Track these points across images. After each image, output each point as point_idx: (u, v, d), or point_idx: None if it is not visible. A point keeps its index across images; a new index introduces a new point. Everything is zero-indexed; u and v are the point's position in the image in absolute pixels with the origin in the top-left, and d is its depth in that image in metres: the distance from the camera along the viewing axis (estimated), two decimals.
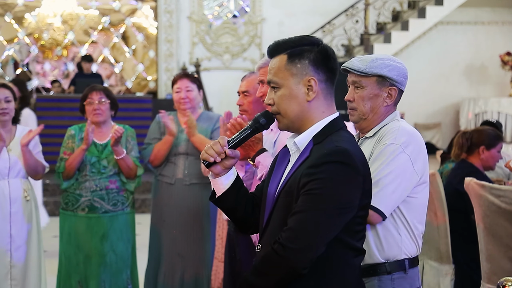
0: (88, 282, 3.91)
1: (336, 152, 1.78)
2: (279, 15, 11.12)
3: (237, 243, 2.91)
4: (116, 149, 3.82)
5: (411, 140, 2.23)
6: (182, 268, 4.02)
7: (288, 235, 1.74)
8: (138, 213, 4.32)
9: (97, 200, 3.90)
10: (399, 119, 2.33)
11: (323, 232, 1.75)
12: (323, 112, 1.89)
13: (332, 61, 1.89)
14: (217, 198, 2.01)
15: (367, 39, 10.51)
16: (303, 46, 1.89)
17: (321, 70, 1.87)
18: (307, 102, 1.87)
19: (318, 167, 1.76)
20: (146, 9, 12.86)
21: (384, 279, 2.21)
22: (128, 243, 4.04)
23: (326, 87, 1.89)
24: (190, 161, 4.02)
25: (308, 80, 1.86)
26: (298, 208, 1.76)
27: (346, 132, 1.90)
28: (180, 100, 4.01)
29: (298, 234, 1.73)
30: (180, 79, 4.02)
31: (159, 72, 11.28)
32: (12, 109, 3.80)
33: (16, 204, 3.74)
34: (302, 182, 1.77)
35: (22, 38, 12.88)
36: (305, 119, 1.89)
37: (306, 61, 1.86)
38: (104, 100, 3.91)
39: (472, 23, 11.37)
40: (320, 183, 1.74)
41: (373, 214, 2.14)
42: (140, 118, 8.92)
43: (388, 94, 2.30)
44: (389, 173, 2.17)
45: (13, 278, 3.72)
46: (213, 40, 11.15)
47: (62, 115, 8.90)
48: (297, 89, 1.87)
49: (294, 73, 1.87)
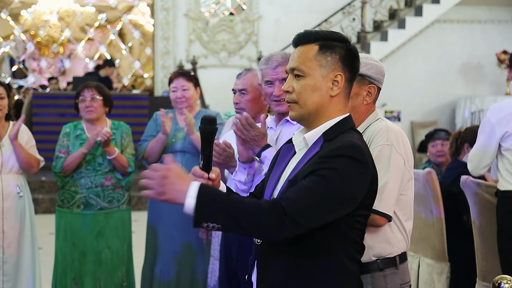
0: (83, 279, 3.91)
1: (350, 147, 1.77)
2: (276, 13, 11.11)
3: (232, 241, 2.91)
4: (107, 150, 3.82)
5: (400, 139, 2.26)
6: (178, 266, 4.01)
7: (287, 203, 1.68)
8: (134, 210, 4.32)
9: (93, 197, 3.90)
10: (383, 118, 2.34)
11: (323, 214, 1.72)
12: (340, 110, 1.88)
13: (358, 61, 1.90)
14: None
15: (364, 37, 10.51)
16: (334, 40, 1.87)
17: (347, 68, 1.87)
18: (329, 97, 1.86)
19: (329, 158, 1.74)
20: (143, 6, 12.85)
21: (377, 275, 2.22)
22: (124, 240, 4.03)
23: (348, 86, 1.89)
24: (187, 159, 4.02)
25: (336, 75, 1.85)
26: (303, 183, 1.72)
27: (356, 131, 1.90)
28: (176, 99, 4.00)
29: (301, 206, 1.68)
30: (176, 78, 4.01)
31: (155, 70, 11.27)
32: (5, 106, 3.80)
33: (8, 200, 3.74)
34: (311, 167, 1.75)
35: (18, 35, 12.85)
36: (321, 114, 1.87)
37: (337, 56, 1.85)
38: (95, 97, 3.90)
39: (468, 21, 11.38)
40: (330, 172, 1.72)
41: (379, 218, 2.17)
42: (137, 115, 8.92)
43: (368, 92, 2.32)
44: (390, 176, 2.19)
45: (5, 274, 3.72)
46: (210, 38, 11.14)
47: (59, 112, 8.88)
48: (323, 82, 1.85)
49: (323, 65, 1.85)
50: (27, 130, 3.95)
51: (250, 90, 3.01)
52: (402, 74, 10.93)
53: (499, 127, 3.40)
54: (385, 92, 10.66)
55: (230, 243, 2.93)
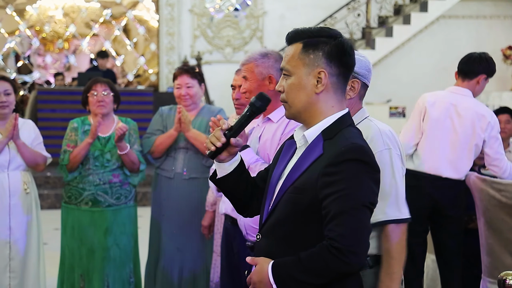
0: (91, 276, 3.92)
1: (353, 150, 1.78)
2: (281, 9, 11.10)
3: (234, 237, 2.92)
4: (119, 145, 3.82)
5: (393, 139, 2.28)
6: (181, 262, 4.02)
7: (345, 242, 1.72)
8: (139, 206, 4.33)
9: (101, 194, 3.91)
10: (370, 118, 2.34)
11: (368, 227, 1.78)
12: (333, 106, 1.88)
13: (347, 56, 1.87)
14: (218, 179, 2.03)
15: (369, 32, 10.48)
16: (321, 37, 1.86)
17: (334, 64, 1.85)
18: (315, 94, 1.86)
19: (337, 166, 1.76)
20: (148, 2, 12.84)
21: (367, 273, 2.22)
22: (131, 236, 4.04)
23: (338, 81, 1.87)
24: (189, 156, 4.02)
25: (319, 72, 1.84)
26: (334, 212, 1.74)
27: (354, 128, 1.90)
28: (180, 96, 4.00)
29: (353, 237, 1.73)
30: (180, 75, 4.00)
31: (160, 65, 11.27)
32: (12, 102, 3.79)
33: (15, 196, 3.74)
34: (322, 182, 1.77)
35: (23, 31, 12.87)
36: (312, 112, 1.87)
37: (320, 53, 1.85)
38: (108, 92, 3.91)
39: (474, 17, 11.34)
40: (344, 183, 1.74)
41: (404, 225, 2.21)
42: (141, 111, 8.92)
43: (351, 87, 2.30)
44: (397, 181, 2.23)
45: (12, 270, 3.72)
46: (215, 33, 11.14)
47: (64, 108, 8.90)
48: (307, 80, 1.86)
49: (306, 63, 1.85)
50: (35, 127, 3.94)
51: None
52: (407, 70, 10.90)
53: None
54: (390, 88, 10.68)
55: (231, 238, 2.93)
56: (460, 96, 3.86)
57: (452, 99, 3.85)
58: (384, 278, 2.20)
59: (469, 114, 3.78)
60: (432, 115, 3.83)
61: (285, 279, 1.78)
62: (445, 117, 3.82)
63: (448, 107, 3.84)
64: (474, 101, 3.84)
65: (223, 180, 2.02)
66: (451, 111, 3.82)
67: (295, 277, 1.76)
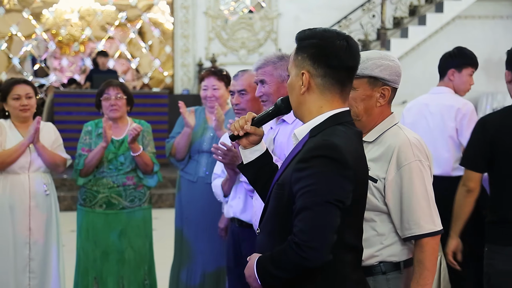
0: (105, 278, 3.93)
1: (322, 146, 1.81)
2: (295, 10, 11.09)
3: (242, 239, 2.99)
4: (133, 146, 3.84)
5: (422, 149, 2.24)
6: (204, 266, 4.01)
7: (303, 238, 1.76)
8: (154, 208, 4.34)
9: (115, 196, 3.93)
10: (399, 126, 2.30)
11: (331, 224, 1.77)
12: (321, 107, 1.90)
13: (332, 58, 1.87)
14: (241, 165, 2.15)
15: (384, 33, 10.45)
16: (313, 39, 1.90)
17: (319, 66, 1.88)
18: (301, 95, 1.92)
19: (306, 162, 1.80)
20: (163, 5, 12.89)
21: (379, 279, 2.20)
22: (146, 238, 4.05)
23: (324, 82, 1.89)
24: (213, 159, 4.03)
25: (302, 73, 1.90)
26: (299, 207, 1.79)
27: (344, 126, 1.90)
28: (206, 98, 4.01)
29: (311, 233, 1.76)
30: (207, 77, 4.00)
31: (175, 68, 11.31)
32: (34, 105, 3.82)
33: (35, 198, 3.76)
34: (294, 178, 1.82)
35: (40, 34, 12.97)
36: (303, 111, 1.94)
37: (305, 55, 1.89)
38: (120, 95, 3.93)
39: (490, 17, 11.26)
40: (311, 179, 1.78)
41: (437, 237, 2.19)
42: (156, 113, 8.95)
43: (381, 94, 2.25)
44: (428, 191, 2.20)
45: (31, 271, 3.75)
46: (229, 36, 11.16)
47: (79, 110, 8.95)
48: (296, 81, 1.93)
49: (296, 65, 1.93)
50: (55, 130, 3.96)
51: (249, 90, 3.06)
52: (422, 71, 10.84)
53: None
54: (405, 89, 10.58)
55: (240, 241, 2.99)
56: (435, 95, 4.03)
57: (426, 100, 4.06)
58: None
59: (438, 108, 3.95)
60: (407, 120, 4.04)
61: (263, 273, 1.87)
62: (420, 118, 4.01)
63: (421, 108, 4.04)
64: (447, 96, 3.97)
65: (246, 167, 2.13)
66: (424, 111, 4.01)
67: (269, 271, 1.85)
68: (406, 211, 2.17)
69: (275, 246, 1.85)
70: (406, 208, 2.17)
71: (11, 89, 3.75)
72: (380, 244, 2.20)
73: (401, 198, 2.17)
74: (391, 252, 2.21)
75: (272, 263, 1.84)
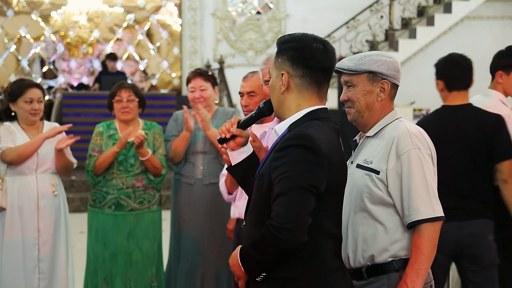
0: (114, 279, 3.95)
1: (296, 137, 1.94)
2: (303, 11, 11.08)
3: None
4: (140, 151, 3.85)
5: (422, 138, 2.28)
6: (203, 267, 4.02)
7: (279, 220, 1.87)
8: (164, 209, 4.34)
9: (124, 198, 3.94)
10: (401, 119, 2.35)
11: (305, 207, 1.89)
12: (300, 105, 2.04)
13: (309, 59, 2.00)
14: (230, 167, 2.27)
15: (392, 34, 10.43)
16: (291, 43, 2.03)
17: (297, 67, 2.01)
18: (281, 94, 2.05)
19: (282, 151, 1.94)
20: (171, 6, 12.91)
21: (393, 276, 2.22)
22: (154, 240, 4.06)
23: (302, 82, 2.02)
24: (208, 160, 4.03)
25: (281, 74, 2.03)
26: (276, 193, 1.90)
27: (321, 121, 2.02)
28: (194, 99, 4.01)
29: (286, 215, 1.86)
30: (193, 78, 4.02)
31: (183, 69, 11.33)
32: (42, 109, 3.83)
33: (44, 199, 3.78)
34: (272, 166, 1.95)
35: (48, 36, 13.02)
36: (283, 110, 2.06)
37: (285, 57, 2.03)
38: (132, 98, 3.94)
39: (499, 17, 11.21)
40: (286, 166, 1.90)
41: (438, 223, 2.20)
42: (164, 115, 8.96)
43: (381, 88, 2.31)
44: (427, 178, 2.22)
45: (41, 271, 3.77)
46: (237, 37, 11.17)
47: (88, 112, 8.98)
48: (276, 81, 2.06)
49: (277, 66, 2.06)
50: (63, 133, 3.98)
51: (258, 92, 3.05)
52: (431, 72, 10.75)
53: None
54: (414, 90, 10.59)
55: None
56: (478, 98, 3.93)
57: None
58: (410, 272, 2.19)
59: None
60: None
61: (245, 258, 1.98)
62: None
63: None
64: (490, 101, 3.86)
65: (234, 169, 2.25)
66: None
67: (250, 256, 1.96)
68: (406, 199, 2.21)
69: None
70: (406, 196, 2.21)
71: (24, 91, 3.75)
72: (389, 238, 2.23)
73: (401, 185, 2.22)
74: (401, 246, 2.24)
75: (253, 248, 1.95)
